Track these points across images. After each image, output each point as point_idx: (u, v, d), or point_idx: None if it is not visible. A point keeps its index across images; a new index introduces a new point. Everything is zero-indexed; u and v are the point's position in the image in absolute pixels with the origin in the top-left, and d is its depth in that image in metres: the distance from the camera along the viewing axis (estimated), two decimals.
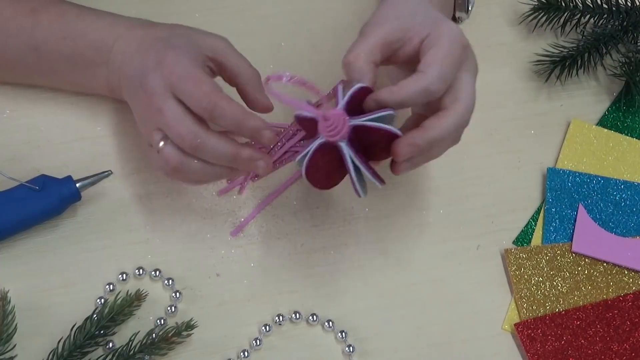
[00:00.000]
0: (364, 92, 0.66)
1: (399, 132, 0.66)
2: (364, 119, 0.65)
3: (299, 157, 0.67)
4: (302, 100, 0.65)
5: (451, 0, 0.79)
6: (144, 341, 0.70)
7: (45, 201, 0.72)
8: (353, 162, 0.66)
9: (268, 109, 0.73)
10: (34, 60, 0.74)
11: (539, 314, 0.76)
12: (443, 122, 0.67)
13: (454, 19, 0.82)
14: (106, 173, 0.75)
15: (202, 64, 0.69)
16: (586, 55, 0.86)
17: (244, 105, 0.71)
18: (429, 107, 0.69)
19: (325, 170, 0.67)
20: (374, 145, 0.67)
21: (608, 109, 0.86)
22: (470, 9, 0.80)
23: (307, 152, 0.66)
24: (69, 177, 0.73)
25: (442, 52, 0.67)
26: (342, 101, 0.66)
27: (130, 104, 0.72)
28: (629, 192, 0.82)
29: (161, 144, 0.68)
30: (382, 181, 0.68)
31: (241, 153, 0.67)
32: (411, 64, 0.69)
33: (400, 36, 0.69)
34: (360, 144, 0.66)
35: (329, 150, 0.66)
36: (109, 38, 0.73)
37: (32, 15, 0.73)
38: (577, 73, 0.87)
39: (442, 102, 0.68)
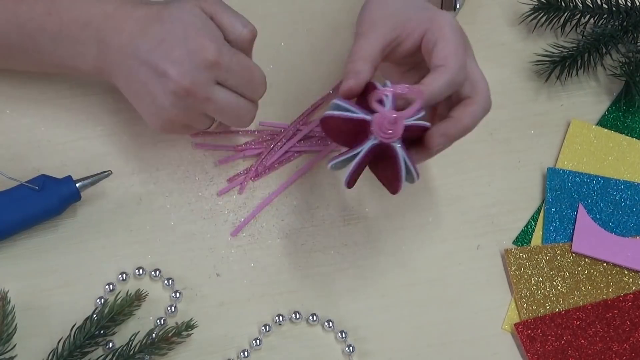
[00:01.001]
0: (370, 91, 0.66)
1: (430, 125, 0.67)
2: (414, 118, 0.65)
3: (336, 161, 0.65)
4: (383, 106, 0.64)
5: None
6: (144, 341, 0.70)
7: (45, 201, 0.72)
8: (405, 162, 0.65)
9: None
10: (18, 39, 0.72)
11: (539, 314, 0.76)
12: (471, 110, 0.69)
13: None
14: (106, 173, 0.75)
15: (208, 26, 0.69)
16: (586, 55, 0.86)
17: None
18: (447, 100, 0.70)
19: (371, 170, 0.68)
20: (409, 142, 0.66)
21: (608, 109, 0.86)
22: (457, 7, 0.80)
23: (356, 154, 0.64)
24: (69, 177, 0.73)
25: (452, 43, 0.68)
26: (389, 103, 0.65)
27: (129, 90, 0.71)
28: (629, 192, 0.82)
29: (213, 126, 0.72)
30: (419, 175, 0.68)
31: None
32: (409, 59, 0.70)
33: (398, 34, 0.69)
34: (405, 144, 0.66)
35: (380, 153, 0.65)
36: (97, 15, 0.70)
37: None
38: (577, 73, 0.87)
39: (462, 91, 0.69)
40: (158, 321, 0.72)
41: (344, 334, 0.74)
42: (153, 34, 0.68)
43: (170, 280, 0.74)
